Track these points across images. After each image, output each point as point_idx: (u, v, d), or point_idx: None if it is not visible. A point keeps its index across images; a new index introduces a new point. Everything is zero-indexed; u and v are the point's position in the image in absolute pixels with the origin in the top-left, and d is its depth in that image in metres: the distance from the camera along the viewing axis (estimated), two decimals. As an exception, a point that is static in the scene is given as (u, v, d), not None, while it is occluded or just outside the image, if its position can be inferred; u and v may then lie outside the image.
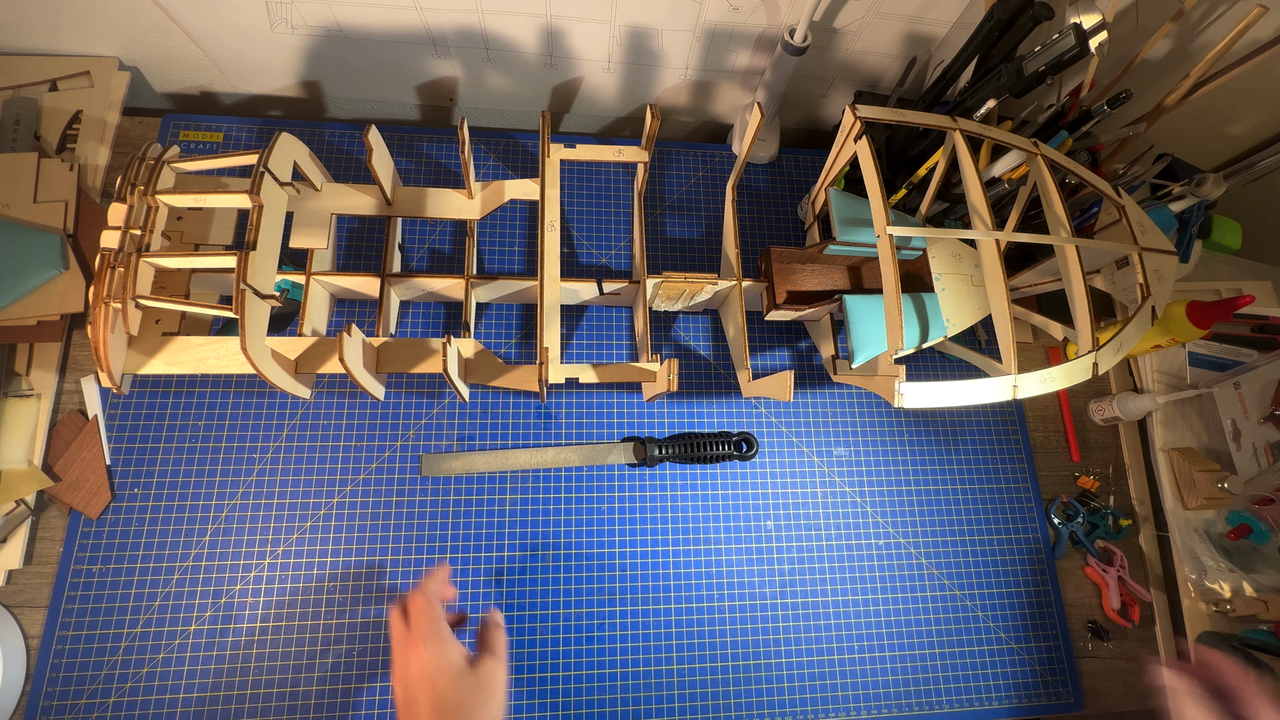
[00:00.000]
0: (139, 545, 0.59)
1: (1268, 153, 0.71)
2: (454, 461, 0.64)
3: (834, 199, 0.65)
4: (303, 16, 0.67)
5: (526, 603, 0.62)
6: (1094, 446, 0.76)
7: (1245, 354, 0.77)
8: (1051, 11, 0.56)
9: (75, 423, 0.61)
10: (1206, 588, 0.69)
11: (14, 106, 0.68)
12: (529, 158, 0.78)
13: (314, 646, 0.58)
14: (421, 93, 0.79)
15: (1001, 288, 0.55)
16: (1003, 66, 0.58)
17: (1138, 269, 0.60)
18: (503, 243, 0.73)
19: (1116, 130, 0.67)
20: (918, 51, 0.73)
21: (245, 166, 0.68)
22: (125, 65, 0.73)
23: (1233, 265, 0.81)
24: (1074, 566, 0.71)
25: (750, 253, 0.76)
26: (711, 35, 0.70)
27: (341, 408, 0.65)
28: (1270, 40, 0.61)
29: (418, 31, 0.69)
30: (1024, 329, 0.79)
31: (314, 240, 0.61)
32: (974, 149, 0.60)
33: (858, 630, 0.65)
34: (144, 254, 0.52)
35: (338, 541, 0.61)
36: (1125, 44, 0.66)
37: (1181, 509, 0.72)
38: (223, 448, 0.63)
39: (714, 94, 0.81)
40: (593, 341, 0.71)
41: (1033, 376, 0.54)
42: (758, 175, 0.81)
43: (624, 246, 0.75)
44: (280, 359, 0.56)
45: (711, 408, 0.70)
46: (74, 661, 0.55)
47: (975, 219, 0.58)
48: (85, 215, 0.66)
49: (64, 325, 0.63)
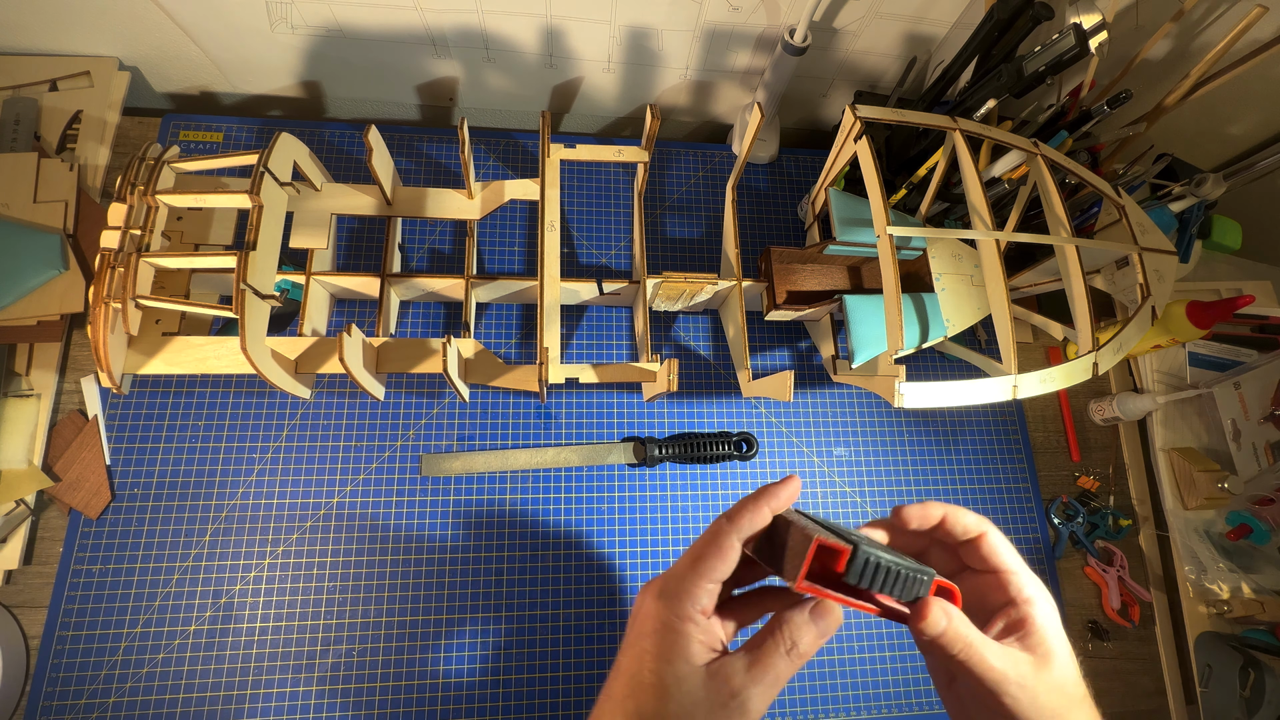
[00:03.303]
0: (139, 545, 0.59)
1: (1268, 153, 0.71)
2: (454, 461, 0.64)
3: (834, 199, 0.65)
4: (303, 16, 0.67)
5: (526, 603, 0.62)
6: (1094, 446, 0.76)
7: (1245, 354, 0.77)
8: (1051, 11, 0.56)
9: (75, 423, 0.61)
10: (1206, 588, 0.69)
11: (14, 106, 0.68)
12: (529, 158, 0.78)
13: (314, 646, 0.58)
14: (421, 93, 0.79)
15: (1001, 288, 0.55)
16: (1003, 66, 0.58)
17: (1138, 269, 0.60)
18: (503, 243, 0.73)
19: (1116, 130, 0.67)
20: (918, 51, 0.73)
21: (245, 166, 0.68)
22: (125, 65, 0.73)
23: (1233, 265, 0.81)
24: (1074, 566, 0.71)
25: (750, 253, 0.76)
26: (711, 35, 0.70)
27: (341, 408, 0.65)
28: (1270, 40, 0.61)
29: (418, 31, 0.69)
30: (1024, 329, 0.79)
31: (314, 240, 0.61)
32: (974, 149, 0.60)
33: (858, 630, 0.65)
34: (144, 254, 0.52)
35: (338, 541, 0.61)
36: (1125, 44, 0.66)
37: (1181, 509, 0.72)
38: (223, 448, 0.63)
39: (714, 94, 0.81)
40: (593, 341, 0.71)
41: (1033, 376, 0.54)
42: (758, 175, 0.81)
43: (624, 246, 0.75)
44: (280, 359, 0.56)
45: (711, 408, 0.70)
46: (74, 661, 0.55)
47: (975, 219, 0.58)
48: (85, 215, 0.66)
49: (64, 325, 0.63)
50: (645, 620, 0.28)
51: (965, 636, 0.28)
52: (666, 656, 0.26)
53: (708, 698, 0.26)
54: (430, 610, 0.60)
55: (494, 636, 0.60)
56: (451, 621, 0.60)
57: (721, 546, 0.28)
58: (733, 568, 0.29)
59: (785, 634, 0.27)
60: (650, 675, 0.26)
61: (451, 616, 0.60)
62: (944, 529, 0.32)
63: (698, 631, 0.27)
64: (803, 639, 0.26)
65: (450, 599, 0.61)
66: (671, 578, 0.29)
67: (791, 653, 0.26)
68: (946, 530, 0.32)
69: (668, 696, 0.26)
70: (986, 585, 0.32)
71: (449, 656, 0.59)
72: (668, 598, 0.28)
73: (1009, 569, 0.31)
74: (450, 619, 0.60)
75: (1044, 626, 0.30)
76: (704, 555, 0.28)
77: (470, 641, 0.60)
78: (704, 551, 0.28)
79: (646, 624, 0.28)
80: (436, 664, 0.59)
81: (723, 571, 0.28)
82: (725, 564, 0.28)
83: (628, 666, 0.28)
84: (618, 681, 0.28)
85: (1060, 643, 0.30)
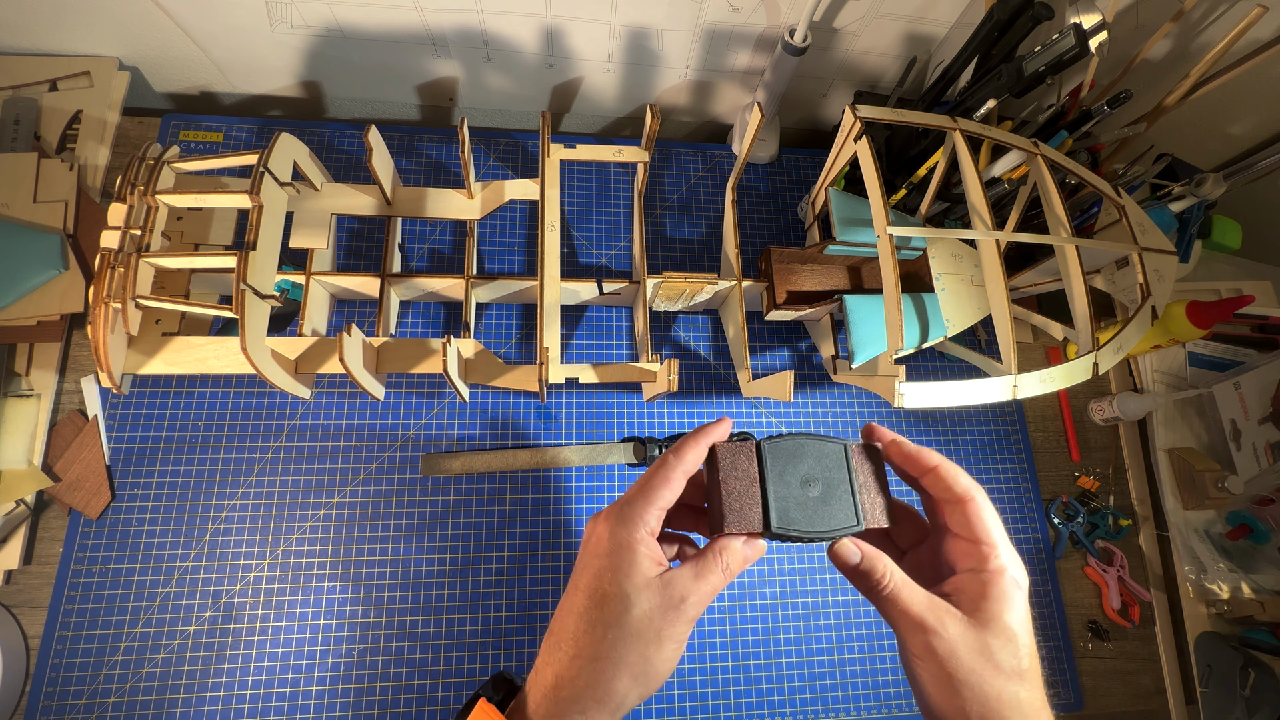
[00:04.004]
0: (139, 545, 0.59)
1: (1268, 153, 0.71)
2: (454, 461, 0.64)
3: (834, 199, 0.65)
4: (303, 16, 0.67)
5: (526, 603, 0.62)
6: (1094, 446, 0.76)
7: (1245, 354, 0.77)
8: (1051, 11, 0.56)
9: (75, 423, 0.61)
10: (1206, 588, 0.69)
11: (14, 106, 0.68)
12: (529, 158, 0.78)
13: (314, 646, 0.58)
14: (421, 93, 0.79)
15: (1001, 288, 0.55)
16: (1003, 66, 0.58)
17: (1138, 269, 0.60)
18: (503, 243, 0.73)
19: (1116, 130, 0.67)
20: (918, 51, 0.73)
21: (245, 166, 0.68)
22: (125, 65, 0.73)
23: (1233, 265, 0.81)
24: (1074, 566, 0.71)
25: (750, 253, 0.76)
26: (711, 35, 0.70)
27: (341, 408, 0.65)
28: (1270, 40, 0.61)
29: (418, 31, 0.69)
30: (1024, 329, 0.79)
31: (314, 240, 0.61)
32: (974, 149, 0.60)
33: (858, 630, 0.65)
34: (144, 254, 0.52)
35: (338, 541, 0.61)
36: (1125, 44, 0.66)
37: (1181, 509, 0.72)
38: (223, 448, 0.63)
39: (714, 94, 0.81)
40: (593, 341, 0.71)
41: (1033, 376, 0.54)
42: (758, 175, 0.81)
43: (624, 246, 0.75)
44: (280, 359, 0.56)
45: (711, 408, 0.70)
46: (74, 661, 0.55)
47: (975, 219, 0.58)
48: (85, 215, 0.66)
49: (64, 325, 0.63)
50: (599, 543, 0.32)
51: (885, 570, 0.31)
52: (626, 571, 0.31)
53: (663, 602, 0.30)
54: (430, 610, 0.60)
55: (493, 636, 0.60)
56: (451, 621, 0.60)
57: (669, 478, 0.32)
58: (677, 496, 0.33)
59: (723, 556, 0.32)
60: (612, 587, 0.31)
61: (451, 617, 0.60)
62: (934, 482, 0.33)
63: (648, 550, 0.31)
64: (734, 561, 0.32)
65: (450, 599, 0.61)
66: (624, 504, 0.33)
67: (725, 571, 0.32)
68: (936, 484, 0.33)
69: (630, 604, 0.30)
70: (962, 552, 0.32)
71: (449, 656, 0.59)
72: (623, 521, 0.32)
73: (989, 541, 0.31)
74: (450, 619, 0.60)
75: (998, 596, 0.30)
76: (652, 484, 0.32)
77: (470, 641, 0.60)
78: (652, 481, 0.33)
79: (601, 546, 0.32)
80: (436, 664, 0.59)
81: (668, 499, 0.32)
82: (671, 492, 0.32)
83: (588, 583, 0.32)
84: (577, 596, 0.32)
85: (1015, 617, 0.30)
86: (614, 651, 0.30)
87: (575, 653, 0.30)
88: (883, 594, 0.31)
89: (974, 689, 0.28)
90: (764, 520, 0.31)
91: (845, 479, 0.33)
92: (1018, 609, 0.30)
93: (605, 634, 0.30)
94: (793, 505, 0.32)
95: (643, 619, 0.30)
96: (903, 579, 0.31)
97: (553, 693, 0.30)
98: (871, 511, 0.32)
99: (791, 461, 0.32)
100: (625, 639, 0.30)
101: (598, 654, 0.30)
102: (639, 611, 0.30)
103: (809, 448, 0.33)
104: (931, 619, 0.29)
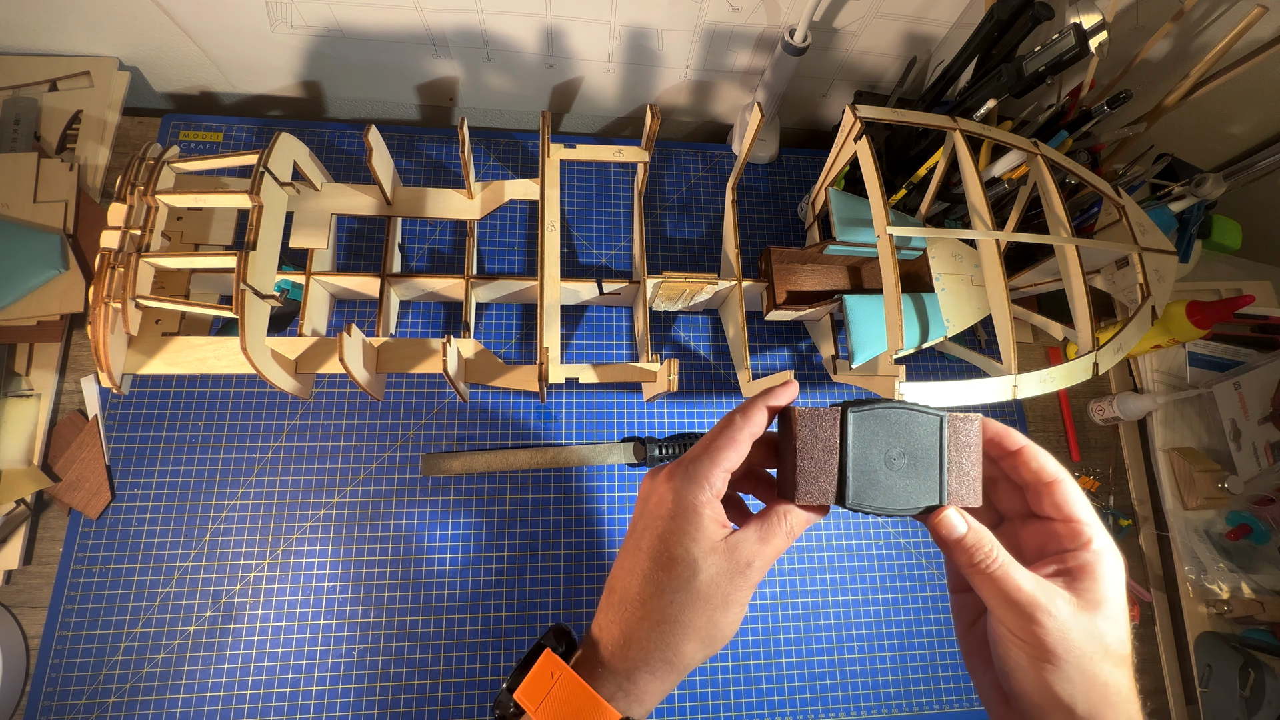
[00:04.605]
0: (139, 545, 0.59)
1: (1268, 153, 0.71)
2: (454, 461, 0.64)
3: (834, 199, 0.65)
4: (303, 16, 0.67)
5: (526, 603, 0.62)
6: (1094, 446, 0.76)
7: (1245, 354, 0.77)
8: (1051, 11, 0.56)
9: (75, 423, 0.61)
10: (1206, 588, 0.69)
11: (14, 106, 0.68)
12: (529, 158, 0.78)
13: (314, 646, 0.58)
14: (421, 93, 0.79)
15: (1001, 288, 0.55)
16: (1003, 66, 0.58)
17: (1138, 269, 0.60)
18: (503, 243, 0.73)
19: (1116, 130, 0.67)
20: (918, 51, 0.73)
21: (245, 166, 0.68)
22: (125, 65, 0.73)
23: (1233, 265, 0.81)
24: (1074, 566, 0.71)
25: (750, 253, 0.76)
26: (711, 35, 0.70)
27: (341, 408, 0.65)
28: (1270, 40, 0.61)
29: (418, 31, 0.69)
30: (1024, 329, 0.79)
31: (314, 240, 0.61)
32: (974, 149, 0.60)
33: (858, 630, 0.65)
34: (144, 254, 0.52)
35: (338, 541, 0.61)
36: (1125, 44, 0.66)
37: (1181, 509, 0.72)
38: (223, 448, 0.63)
39: (714, 94, 0.81)
40: (593, 341, 0.71)
41: (1033, 376, 0.54)
42: (758, 175, 0.81)
43: (624, 246, 0.75)
44: (280, 359, 0.56)
45: (711, 408, 0.70)
46: (74, 661, 0.55)
47: (975, 219, 0.58)
48: (85, 215, 0.66)
49: (64, 325, 0.63)
50: (661, 503, 0.32)
51: (992, 547, 0.29)
52: (693, 535, 0.31)
53: (729, 567, 0.30)
54: (430, 610, 0.60)
55: (494, 636, 0.60)
56: (451, 621, 0.60)
57: (735, 439, 0.32)
58: (742, 459, 0.32)
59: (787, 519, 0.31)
60: (679, 550, 0.31)
61: (451, 617, 0.60)
62: (1018, 465, 0.32)
63: (713, 513, 0.31)
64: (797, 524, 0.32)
65: (450, 599, 0.61)
66: (689, 463, 0.32)
67: (789, 535, 0.31)
68: (1021, 468, 0.32)
69: (698, 569, 0.30)
70: (1052, 533, 0.31)
71: (449, 656, 0.59)
72: (689, 481, 0.31)
73: (1082, 519, 0.30)
74: (450, 619, 0.60)
75: (1104, 577, 0.29)
76: (718, 445, 0.32)
77: (470, 641, 0.60)
78: (718, 441, 0.32)
79: (664, 507, 0.32)
80: (436, 664, 0.59)
81: (734, 461, 0.32)
82: (737, 454, 0.32)
83: (651, 545, 0.31)
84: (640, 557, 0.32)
85: (1116, 599, 0.29)
86: (682, 615, 0.30)
87: (643, 615, 0.31)
88: (988, 571, 0.29)
89: (1083, 673, 0.27)
90: (839, 493, 0.30)
91: (936, 454, 0.30)
92: (1122, 594, 0.29)
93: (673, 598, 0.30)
94: (871, 479, 0.30)
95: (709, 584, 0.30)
96: (1009, 557, 0.29)
97: (623, 651, 0.31)
98: (959, 489, 0.30)
99: (878, 432, 0.30)
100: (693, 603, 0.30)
101: (665, 617, 0.30)
102: (705, 576, 0.30)
103: (900, 417, 0.30)
104: (1044, 599, 0.28)
